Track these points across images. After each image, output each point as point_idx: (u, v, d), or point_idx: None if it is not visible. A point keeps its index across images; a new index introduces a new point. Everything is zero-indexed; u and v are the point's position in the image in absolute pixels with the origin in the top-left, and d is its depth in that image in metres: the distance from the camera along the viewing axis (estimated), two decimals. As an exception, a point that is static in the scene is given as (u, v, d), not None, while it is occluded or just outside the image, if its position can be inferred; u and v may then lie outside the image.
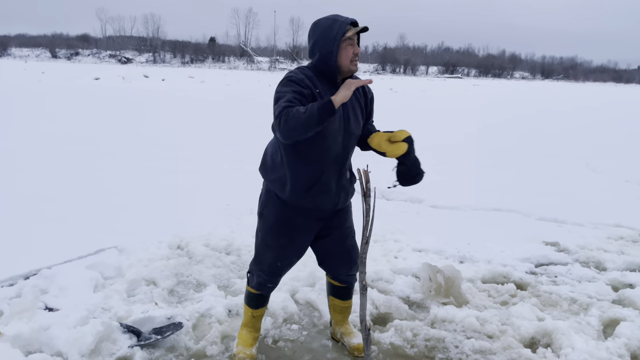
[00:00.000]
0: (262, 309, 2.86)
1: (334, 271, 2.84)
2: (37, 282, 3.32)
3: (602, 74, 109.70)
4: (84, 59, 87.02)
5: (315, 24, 2.43)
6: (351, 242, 2.75)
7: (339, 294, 2.92)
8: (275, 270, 2.68)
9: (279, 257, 2.64)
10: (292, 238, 2.60)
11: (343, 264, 2.79)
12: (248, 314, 2.86)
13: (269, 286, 2.75)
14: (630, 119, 19.27)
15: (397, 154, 2.41)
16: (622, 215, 5.60)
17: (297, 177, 2.45)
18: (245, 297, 2.85)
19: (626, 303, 3.56)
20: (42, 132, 9.81)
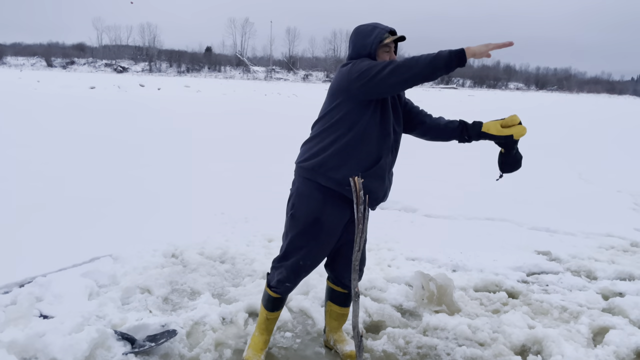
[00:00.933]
0: (277, 312, 2.88)
1: (339, 274, 2.85)
2: (32, 290, 3.33)
3: (596, 85, 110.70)
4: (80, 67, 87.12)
5: (357, 29, 2.59)
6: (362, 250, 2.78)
7: (337, 300, 2.94)
8: (299, 270, 2.69)
9: (306, 258, 2.65)
10: (321, 240, 2.62)
11: (348, 269, 2.80)
12: (263, 315, 2.88)
13: (287, 285, 2.75)
14: (623, 130, 19.43)
15: (523, 133, 2.60)
16: (614, 225, 5.67)
17: (359, 157, 2.48)
18: (263, 299, 2.87)
19: (616, 311, 3.61)
20: (36, 140, 9.82)
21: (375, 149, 2.50)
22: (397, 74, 2.27)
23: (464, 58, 2.21)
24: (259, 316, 2.93)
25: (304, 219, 2.59)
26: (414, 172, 8.29)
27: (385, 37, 2.49)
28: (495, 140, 2.66)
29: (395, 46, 2.60)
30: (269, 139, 11.54)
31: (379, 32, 2.49)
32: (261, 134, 12.42)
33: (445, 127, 2.74)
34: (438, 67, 2.21)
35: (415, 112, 2.77)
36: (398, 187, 6.85)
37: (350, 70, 2.43)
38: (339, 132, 2.49)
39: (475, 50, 2.21)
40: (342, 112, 2.48)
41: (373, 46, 2.48)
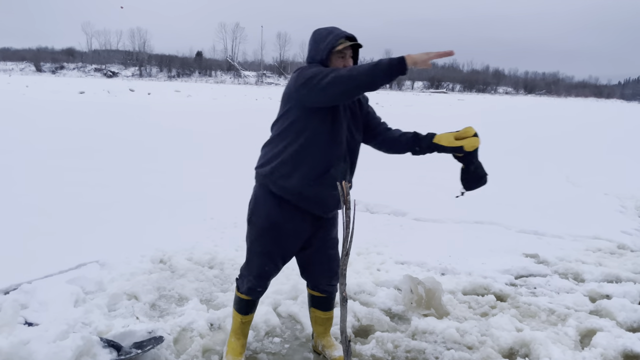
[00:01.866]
0: (250, 315, 2.89)
1: (315, 280, 2.87)
2: (17, 297, 3.29)
3: (584, 89, 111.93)
4: (69, 72, 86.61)
5: (314, 33, 2.56)
6: (333, 253, 2.78)
7: (319, 305, 2.95)
8: (264, 275, 2.72)
9: (267, 263, 2.67)
10: (279, 244, 2.63)
11: (324, 274, 2.82)
12: (237, 320, 2.88)
13: (258, 290, 2.78)
14: (610, 133, 19.63)
15: (475, 145, 2.50)
16: (601, 227, 5.72)
17: (308, 165, 2.46)
18: (235, 303, 2.87)
19: (603, 314, 3.63)
20: (23, 146, 9.73)
21: (324, 158, 2.46)
22: (338, 83, 2.21)
23: (404, 66, 2.14)
24: (232, 321, 2.92)
25: (260, 224, 2.61)
26: (403, 176, 8.32)
27: (338, 43, 2.43)
28: (447, 151, 2.56)
29: (355, 53, 2.55)
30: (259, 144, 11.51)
31: (332, 37, 2.44)
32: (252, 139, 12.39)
33: (399, 139, 2.71)
34: (378, 76, 2.16)
35: (374, 123, 2.74)
36: (387, 191, 6.93)
37: (297, 76, 2.40)
38: (288, 139, 2.48)
39: (416, 59, 2.14)
40: (291, 119, 2.46)
41: (325, 52, 2.45)
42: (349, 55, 2.49)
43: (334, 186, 2.47)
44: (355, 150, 2.62)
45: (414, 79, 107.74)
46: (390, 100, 44.00)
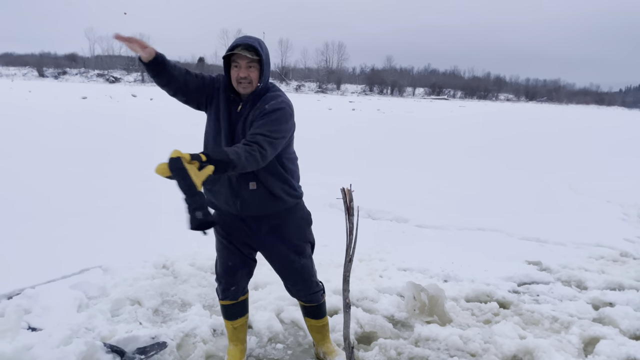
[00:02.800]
0: (240, 319, 2.90)
1: (294, 292, 2.88)
2: (21, 302, 3.30)
3: (585, 97, 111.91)
4: (72, 78, 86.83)
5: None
6: (297, 264, 2.71)
7: (310, 314, 2.95)
8: (230, 271, 2.75)
9: (228, 257, 2.73)
10: (229, 238, 2.69)
11: (297, 285, 2.80)
12: (229, 327, 2.91)
13: (232, 289, 2.79)
14: (612, 140, 19.64)
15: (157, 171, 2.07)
16: (603, 235, 5.71)
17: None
18: (222, 313, 2.91)
19: (606, 321, 3.62)
20: (26, 151, 9.75)
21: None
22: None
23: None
24: (227, 330, 2.95)
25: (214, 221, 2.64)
26: (405, 183, 8.32)
27: (230, 50, 2.38)
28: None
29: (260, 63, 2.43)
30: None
31: (231, 46, 2.40)
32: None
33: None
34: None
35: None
36: (389, 197, 6.93)
37: None
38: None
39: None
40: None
41: (223, 57, 2.47)
42: (244, 66, 2.39)
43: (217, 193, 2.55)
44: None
45: (415, 85, 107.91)
46: (392, 106, 44.11)
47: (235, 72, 2.42)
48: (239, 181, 2.49)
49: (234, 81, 2.44)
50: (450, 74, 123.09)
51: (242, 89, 2.44)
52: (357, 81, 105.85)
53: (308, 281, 2.79)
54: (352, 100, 51.13)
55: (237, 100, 2.50)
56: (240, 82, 2.42)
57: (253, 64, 2.41)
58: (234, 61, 2.42)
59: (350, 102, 46.53)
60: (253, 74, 2.42)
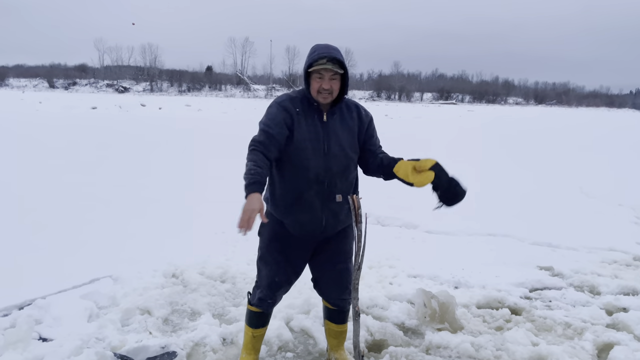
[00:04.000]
0: (262, 329, 2.89)
1: (325, 294, 2.87)
2: (32, 312, 3.31)
3: (595, 99, 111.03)
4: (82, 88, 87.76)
5: (311, 48, 2.56)
6: (344, 267, 2.76)
7: (332, 318, 2.94)
8: (274, 286, 2.72)
9: (276, 273, 2.70)
10: (286, 255, 2.67)
11: (334, 287, 2.81)
12: (249, 334, 2.88)
13: (269, 302, 2.78)
14: (622, 144, 19.45)
15: (424, 183, 2.45)
16: (616, 239, 5.64)
17: (279, 194, 2.57)
18: (246, 317, 2.89)
19: (620, 327, 3.57)
20: (36, 160, 9.84)
21: (296, 185, 2.53)
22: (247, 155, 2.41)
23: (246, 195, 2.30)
24: (244, 337, 2.93)
25: (267, 234, 2.69)
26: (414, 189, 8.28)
27: (315, 62, 2.41)
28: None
29: (344, 76, 2.49)
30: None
31: (312, 56, 2.44)
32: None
33: (373, 161, 2.67)
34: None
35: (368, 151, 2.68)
36: (398, 204, 6.89)
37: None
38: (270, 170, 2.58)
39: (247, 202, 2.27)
40: None
41: (304, 70, 2.49)
42: (327, 78, 2.44)
43: (308, 210, 2.53)
44: (334, 168, 2.54)
45: (423, 90, 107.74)
46: (400, 111, 44.06)
47: (317, 83, 2.46)
48: (326, 195, 2.54)
49: (314, 91, 2.48)
50: (458, 79, 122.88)
51: (322, 99, 2.48)
52: (364, 87, 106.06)
53: (345, 287, 2.79)
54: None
55: (320, 109, 2.54)
56: (320, 93, 2.46)
57: (336, 76, 2.46)
58: (319, 73, 2.45)
59: (358, 108, 46.43)
60: (335, 85, 2.48)
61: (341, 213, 2.61)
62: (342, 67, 2.44)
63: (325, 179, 2.52)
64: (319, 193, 2.53)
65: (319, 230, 2.59)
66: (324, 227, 2.58)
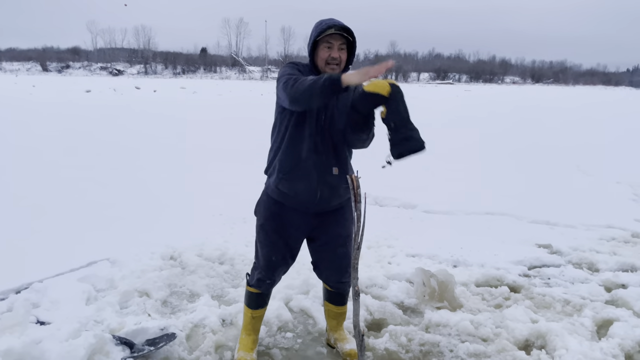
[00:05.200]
0: (261, 309, 2.89)
1: (325, 277, 2.87)
2: (29, 296, 3.29)
3: (592, 77, 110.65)
4: (75, 71, 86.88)
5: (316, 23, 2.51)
6: (343, 250, 2.74)
7: (332, 300, 2.94)
8: (271, 265, 2.72)
9: (273, 253, 2.69)
10: (281, 234, 2.66)
11: (332, 270, 2.80)
12: (248, 315, 2.88)
13: (267, 282, 2.78)
14: (619, 120, 19.42)
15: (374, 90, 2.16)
16: (614, 216, 5.65)
17: (280, 161, 2.54)
18: (245, 298, 2.88)
19: (619, 303, 3.58)
20: (31, 145, 9.76)
21: (297, 152, 2.49)
22: (288, 92, 2.26)
23: (338, 85, 2.12)
24: (243, 318, 2.93)
25: (263, 214, 2.68)
26: (412, 168, 8.25)
27: (325, 32, 2.36)
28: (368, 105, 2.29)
29: (350, 46, 2.47)
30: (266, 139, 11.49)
31: (320, 26, 2.40)
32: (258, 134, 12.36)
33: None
34: (315, 93, 2.16)
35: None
36: (395, 184, 6.87)
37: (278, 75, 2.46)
38: (272, 136, 2.60)
39: (351, 79, 2.10)
40: (275, 115, 2.60)
41: (310, 41, 2.43)
42: (337, 47, 2.41)
43: (304, 178, 2.49)
44: (334, 139, 2.51)
45: (419, 71, 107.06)
46: (397, 92, 43.75)
47: (326, 52, 2.41)
48: (323, 166, 2.50)
49: (321, 61, 2.43)
50: (455, 58, 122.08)
51: (329, 70, 2.42)
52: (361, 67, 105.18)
53: (344, 269, 2.77)
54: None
55: None
56: (329, 63, 2.41)
57: (344, 46, 2.43)
58: (327, 42, 2.40)
59: (355, 88, 46.24)
60: (343, 55, 2.45)
61: (338, 187, 2.57)
62: (350, 35, 2.41)
63: (323, 151, 2.50)
64: (316, 164, 2.50)
65: (313, 202, 2.55)
66: (318, 198, 2.54)
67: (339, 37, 2.39)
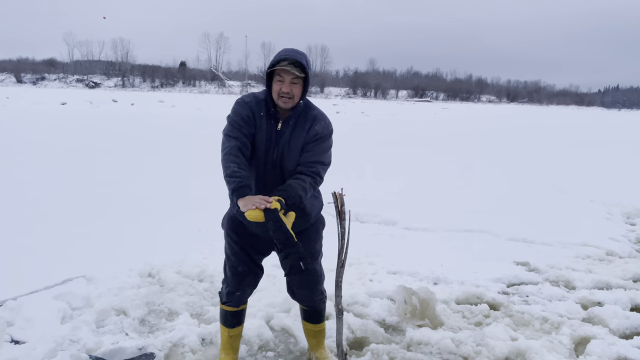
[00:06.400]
0: (238, 328, 2.87)
1: (298, 297, 2.86)
2: (2, 314, 3.19)
3: (565, 97, 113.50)
4: (51, 83, 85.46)
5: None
6: (311, 267, 2.71)
7: (308, 318, 2.92)
8: (238, 276, 2.71)
9: (237, 264, 2.69)
10: (243, 247, 2.66)
11: (303, 289, 2.79)
12: (225, 334, 2.85)
13: (237, 294, 2.76)
14: (592, 141, 19.92)
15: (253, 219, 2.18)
16: (589, 234, 5.76)
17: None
18: (221, 317, 2.86)
19: (596, 321, 3.64)
20: (4, 159, 9.54)
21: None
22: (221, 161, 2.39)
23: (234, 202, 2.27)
24: (221, 337, 2.91)
25: (227, 226, 2.70)
26: (391, 186, 8.32)
27: (276, 63, 2.36)
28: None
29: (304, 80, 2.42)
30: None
31: (276, 58, 2.37)
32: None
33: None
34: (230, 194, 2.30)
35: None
36: (375, 200, 6.91)
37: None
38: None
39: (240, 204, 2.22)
40: None
41: (266, 74, 2.44)
42: (288, 81, 2.38)
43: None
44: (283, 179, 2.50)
45: (398, 88, 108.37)
46: (375, 108, 44.24)
47: (278, 86, 2.40)
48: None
49: (274, 94, 2.42)
50: (433, 76, 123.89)
51: (282, 103, 2.42)
52: (340, 84, 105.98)
53: (314, 287, 2.77)
54: (336, 104, 51.15)
55: (277, 116, 2.47)
56: (281, 97, 2.40)
57: (297, 80, 2.39)
58: (279, 75, 2.38)
59: (334, 105, 46.57)
60: (296, 89, 2.41)
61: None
62: (303, 70, 2.39)
63: (269, 188, 2.44)
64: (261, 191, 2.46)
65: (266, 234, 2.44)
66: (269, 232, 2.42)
67: (290, 71, 2.35)
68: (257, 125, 2.46)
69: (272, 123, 2.47)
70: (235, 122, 2.44)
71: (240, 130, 2.42)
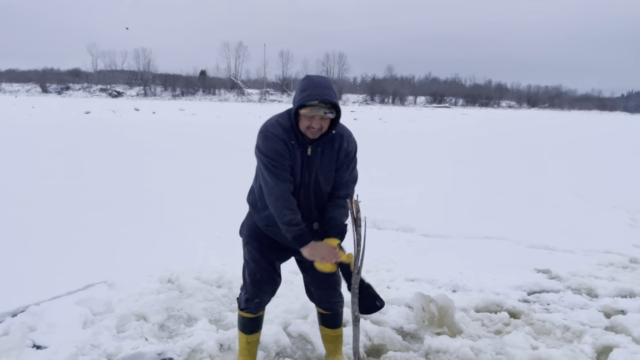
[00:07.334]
0: (255, 334, 2.89)
1: (315, 298, 2.88)
2: (25, 319, 3.27)
3: (587, 102, 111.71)
4: (75, 93, 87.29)
5: (303, 78, 2.49)
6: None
7: (326, 322, 2.93)
8: (257, 283, 2.75)
9: (256, 270, 2.73)
10: (264, 253, 2.70)
11: (322, 290, 2.81)
12: (243, 340, 2.87)
13: (256, 301, 2.79)
14: (615, 146, 19.56)
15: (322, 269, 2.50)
16: (612, 241, 5.65)
17: (261, 207, 2.60)
18: (239, 323, 2.88)
19: (618, 329, 3.56)
20: (29, 166, 9.76)
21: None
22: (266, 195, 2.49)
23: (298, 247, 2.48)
24: (239, 343, 2.94)
25: (247, 234, 2.73)
26: (410, 192, 8.28)
27: (307, 103, 2.33)
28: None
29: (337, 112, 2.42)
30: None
31: (304, 97, 2.34)
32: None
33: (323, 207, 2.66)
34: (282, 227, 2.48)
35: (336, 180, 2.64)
36: (394, 206, 6.88)
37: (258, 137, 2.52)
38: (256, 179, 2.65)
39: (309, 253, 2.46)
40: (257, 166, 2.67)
41: (294, 108, 2.42)
42: (318, 119, 2.38)
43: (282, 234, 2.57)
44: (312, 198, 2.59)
45: (416, 94, 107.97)
46: (393, 115, 44.15)
47: (307, 121, 2.39)
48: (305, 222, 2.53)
49: (303, 126, 2.42)
50: (452, 82, 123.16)
51: (310, 134, 2.44)
52: (358, 91, 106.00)
53: (333, 288, 2.80)
54: (354, 110, 51.24)
55: (305, 143, 2.49)
56: (309, 128, 2.41)
57: (328, 114, 2.38)
58: (309, 113, 2.35)
59: (352, 111, 46.63)
60: (325, 123, 2.43)
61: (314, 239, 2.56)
62: (334, 108, 2.38)
63: (305, 207, 2.56)
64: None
65: (287, 242, 2.60)
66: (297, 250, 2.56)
67: (321, 107, 2.34)
68: (291, 155, 2.47)
69: (301, 149, 2.49)
70: (275, 161, 2.43)
71: (284, 167, 2.44)
